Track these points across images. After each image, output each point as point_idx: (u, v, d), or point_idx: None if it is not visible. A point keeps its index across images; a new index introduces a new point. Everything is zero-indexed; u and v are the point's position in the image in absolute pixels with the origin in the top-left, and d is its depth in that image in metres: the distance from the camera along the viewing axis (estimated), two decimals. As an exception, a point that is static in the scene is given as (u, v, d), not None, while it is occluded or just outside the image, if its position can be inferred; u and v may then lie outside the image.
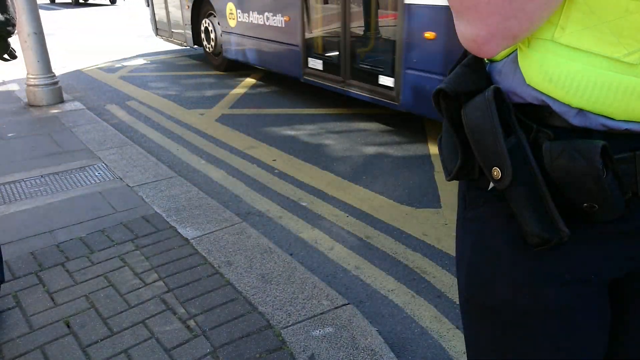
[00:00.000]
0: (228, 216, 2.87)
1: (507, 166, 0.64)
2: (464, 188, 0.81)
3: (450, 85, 0.70)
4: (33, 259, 2.47)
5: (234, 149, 4.28)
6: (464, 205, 0.81)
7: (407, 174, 3.63)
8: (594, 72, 0.59)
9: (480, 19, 0.60)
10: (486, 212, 0.75)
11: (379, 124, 4.80)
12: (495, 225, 0.74)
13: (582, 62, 0.59)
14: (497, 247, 0.74)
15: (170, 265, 2.40)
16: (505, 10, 0.58)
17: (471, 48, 0.64)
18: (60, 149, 4.05)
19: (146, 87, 6.72)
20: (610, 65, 0.58)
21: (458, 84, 0.70)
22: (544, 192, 0.64)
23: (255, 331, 1.95)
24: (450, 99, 0.70)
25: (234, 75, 7.16)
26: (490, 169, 0.66)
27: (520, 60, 0.65)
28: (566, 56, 0.60)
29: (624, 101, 0.59)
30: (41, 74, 5.33)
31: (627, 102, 0.59)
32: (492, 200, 0.73)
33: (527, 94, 0.65)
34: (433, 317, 2.15)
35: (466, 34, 0.63)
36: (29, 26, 5.14)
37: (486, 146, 0.66)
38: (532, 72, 0.63)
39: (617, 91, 0.58)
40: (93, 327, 1.99)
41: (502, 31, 0.60)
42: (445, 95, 0.70)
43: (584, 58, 0.59)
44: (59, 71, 7.15)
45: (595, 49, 0.58)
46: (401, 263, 2.55)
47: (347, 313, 2.04)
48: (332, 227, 2.94)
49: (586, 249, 0.69)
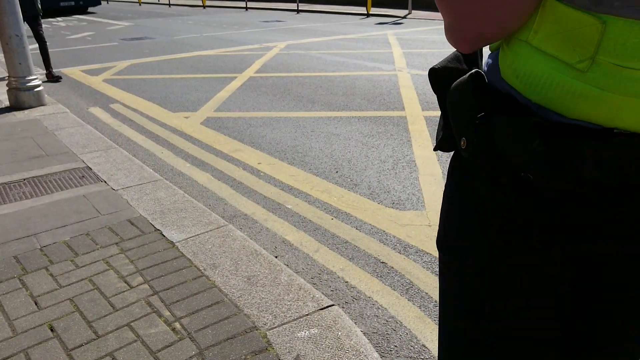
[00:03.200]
0: (213, 219, 2.88)
1: (471, 138, 0.75)
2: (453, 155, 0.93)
3: (441, 65, 0.83)
4: (16, 262, 2.45)
5: (219, 152, 4.28)
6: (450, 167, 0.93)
7: (392, 176, 3.67)
8: (552, 74, 0.67)
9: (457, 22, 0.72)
10: (457, 175, 0.87)
11: (364, 127, 4.84)
12: (463, 189, 0.85)
13: (545, 64, 0.68)
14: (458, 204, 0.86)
15: (155, 268, 2.40)
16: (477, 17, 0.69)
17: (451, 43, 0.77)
18: (43, 152, 4.01)
19: (131, 89, 6.68)
20: (566, 69, 0.66)
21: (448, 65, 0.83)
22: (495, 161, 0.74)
23: (241, 333, 1.96)
24: (440, 77, 0.83)
25: (219, 79, 7.15)
26: (459, 139, 0.78)
27: (500, 56, 0.75)
28: (534, 57, 0.69)
29: (573, 102, 0.67)
30: (23, 76, 5.28)
31: (575, 103, 0.66)
32: (464, 166, 0.84)
33: (501, 86, 0.75)
34: (417, 318, 2.18)
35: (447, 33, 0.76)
36: (10, 28, 5.09)
37: (459, 119, 0.77)
38: (505, 67, 0.73)
39: (567, 93, 0.66)
40: (77, 331, 1.98)
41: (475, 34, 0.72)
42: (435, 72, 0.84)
43: (547, 61, 0.67)
44: (41, 74, 7.08)
45: (556, 53, 0.66)
46: (386, 265, 2.58)
47: (332, 314, 2.06)
48: (317, 229, 2.96)
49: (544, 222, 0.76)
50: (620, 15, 0.61)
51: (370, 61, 8.33)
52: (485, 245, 0.82)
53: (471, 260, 0.84)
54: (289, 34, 12.36)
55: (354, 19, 16.19)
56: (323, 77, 7.19)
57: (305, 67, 7.92)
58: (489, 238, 0.81)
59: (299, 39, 11.51)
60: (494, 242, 0.80)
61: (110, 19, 18.37)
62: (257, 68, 7.95)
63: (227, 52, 9.79)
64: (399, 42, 10.37)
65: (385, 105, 5.62)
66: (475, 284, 0.85)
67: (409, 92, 6.13)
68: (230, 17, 17.94)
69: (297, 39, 11.41)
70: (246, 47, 10.31)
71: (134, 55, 9.62)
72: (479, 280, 0.84)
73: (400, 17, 15.86)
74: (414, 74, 7.17)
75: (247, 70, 7.82)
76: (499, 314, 0.83)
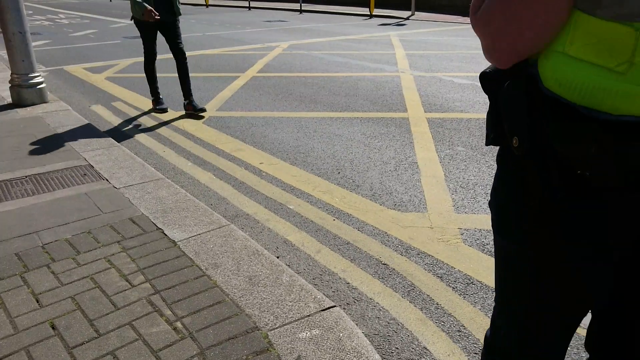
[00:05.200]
0: (215, 218, 2.88)
1: (524, 137, 0.82)
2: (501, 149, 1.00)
3: (492, 69, 0.92)
4: (18, 260, 2.45)
5: (222, 152, 4.28)
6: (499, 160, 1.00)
7: (394, 178, 3.67)
8: (593, 78, 0.75)
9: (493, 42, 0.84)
10: (510, 168, 0.95)
11: (366, 128, 4.84)
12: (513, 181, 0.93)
13: (585, 71, 0.75)
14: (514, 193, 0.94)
15: (157, 267, 2.39)
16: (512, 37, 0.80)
17: (490, 61, 0.88)
18: (45, 149, 4.01)
19: (133, 88, 6.69)
20: (606, 73, 0.74)
21: (498, 69, 0.90)
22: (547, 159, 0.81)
23: (242, 333, 1.96)
24: (492, 81, 0.91)
25: (221, 78, 7.16)
26: (512, 137, 0.85)
27: (539, 67, 0.82)
28: (573, 65, 0.77)
29: (617, 101, 0.74)
30: (25, 74, 5.28)
31: (620, 101, 0.74)
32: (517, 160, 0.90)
33: (546, 91, 0.82)
34: (418, 320, 2.18)
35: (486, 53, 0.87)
36: (14, 25, 5.08)
37: (512, 119, 0.85)
38: (547, 77, 0.81)
39: (610, 93, 0.74)
40: (79, 329, 1.98)
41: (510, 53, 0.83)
42: (486, 76, 0.93)
43: (586, 67, 0.75)
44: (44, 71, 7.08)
45: (594, 60, 0.75)
46: (387, 266, 2.57)
47: (334, 315, 2.06)
48: (319, 230, 2.96)
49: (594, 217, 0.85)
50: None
51: (373, 62, 8.33)
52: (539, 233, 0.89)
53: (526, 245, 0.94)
54: (292, 34, 12.36)
55: (357, 20, 16.19)
56: (326, 77, 7.19)
57: (307, 68, 7.92)
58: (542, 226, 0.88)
59: (302, 39, 11.52)
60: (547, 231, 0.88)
61: (113, 17, 18.38)
62: (259, 68, 7.95)
63: (229, 51, 9.79)
64: (402, 44, 10.36)
65: (387, 106, 5.62)
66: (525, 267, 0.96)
67: (411, 93, 6.12)
68: (233, 17, 17.95)
69: (300, 39, 11.41)
70: (249, 47, 10.31)
71: (137, 53, 9.62)
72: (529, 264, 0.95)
73: (404, 19, 15.86)
74: (417, 75, 7.16)
75: (250, 69, 7.82)
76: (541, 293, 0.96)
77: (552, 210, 0.85)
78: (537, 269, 0.94)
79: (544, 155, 0.81)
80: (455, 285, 2.40)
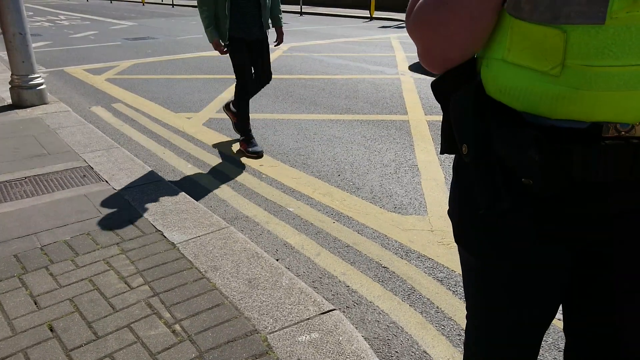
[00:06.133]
0: (215, 221, 2.87)
1: (471, 144, 0.83)
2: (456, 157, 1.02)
3: (441, 77, 0.91)
4: (16, 261, 2.44)
5: (221, 153, 4.27)
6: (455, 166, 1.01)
7: (394, 180, 3.66)
8: (531, 83, 0.76)
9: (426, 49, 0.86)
10: (462, 177, 0.96)
11: (366, 131, 4.84)
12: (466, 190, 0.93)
13: (523, 76, 0.76)
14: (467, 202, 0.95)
15: (156, 269, 2.38)
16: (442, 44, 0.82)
17: (424, 67, 0.89)
18: (45, 150, 4.01)
19: (133, 89, 6.68)
20: (542, 77, 0.75)
21: (449, 78, 0.90)
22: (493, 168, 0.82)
23: (242, 336, 1.95)
24: (443, 89, 0.90)
25: (222, 80, 7.15)
26: (461, 145, 0.85)
27: (482, 75, 0.84)
28: (511, 71, 0.78)
29: (553, 104, 0.75)
30: (26, 75, 5.28)
31: (556, 105, 0.75)
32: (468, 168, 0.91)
33: (491, 99, 0.83)
34: (418, 324, 2.17)
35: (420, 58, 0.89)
36: (14, 26, 5.08)
37: (460, 127, 0.85)
38: (489, 85, 0.82)
39: (547, 97, 0.75)
40: (77, 331, 1.97)
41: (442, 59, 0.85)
42: (437, 84, 0.92)
43: (524, 72, 0.76)
44: (44, 72, 7.08)
45: (531, 64, 0.75)
46: (387, 269, 2.56)
47: (333, 319, 2.05)
48: (319, 232, 2.95)
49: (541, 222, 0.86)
50: (577, 23, 0.70)
51: (373, 64, 8.33)
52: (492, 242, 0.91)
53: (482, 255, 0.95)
54: (292, 36, 12.36)
55: (357, 22, 16.21)
56: (326, 79, 7.19)
57: (307, 70, 7.92)
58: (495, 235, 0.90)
59: (302, 41, 11.52)
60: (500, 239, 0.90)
61: (113, 19, 18.40)
62: (259, 70, 7.94)
63: (230, 53, 9.78)
64: (402, 46, 10.37)
65: (388, 109, 5.62)
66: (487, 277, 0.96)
67: (411, 96, 6.12)
68: (234, 19, 17.92)
69: (300, 41, 11.41)
70: (249, 49, 10.29)
71: (137, 55, 9.63)
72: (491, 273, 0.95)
73: (404, 21, 15.86)
74: (417, 78, 7.16)
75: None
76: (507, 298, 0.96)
77: (494, 220, 0.86)
78: (484, 279, 0.96)
79: (491, 163, 0.82)
80: (456, 289, 2.39)
